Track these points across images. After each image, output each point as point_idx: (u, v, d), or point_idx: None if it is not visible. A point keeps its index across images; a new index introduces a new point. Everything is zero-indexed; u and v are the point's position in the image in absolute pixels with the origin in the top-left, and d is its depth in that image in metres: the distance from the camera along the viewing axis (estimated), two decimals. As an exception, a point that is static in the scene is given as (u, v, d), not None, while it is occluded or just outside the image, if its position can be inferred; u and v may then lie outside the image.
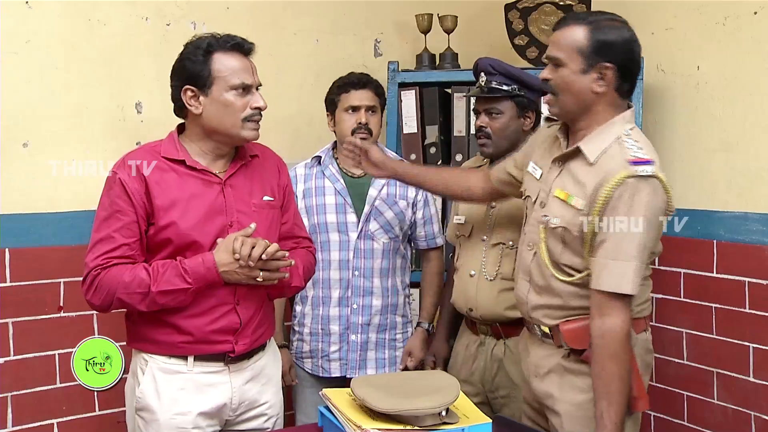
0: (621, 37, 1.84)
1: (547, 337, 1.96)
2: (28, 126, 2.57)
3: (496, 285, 2.34)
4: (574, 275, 1.88)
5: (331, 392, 1.85)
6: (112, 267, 1.88)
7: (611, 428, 1.76)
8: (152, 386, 1.95)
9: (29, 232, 2.57)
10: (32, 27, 2.56)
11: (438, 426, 1.70)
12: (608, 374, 1.77)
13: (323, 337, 2.58)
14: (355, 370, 2.58)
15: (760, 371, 2.64)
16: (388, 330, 2.62)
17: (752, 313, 2.65)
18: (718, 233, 2.75)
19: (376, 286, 2.56)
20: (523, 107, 2.35)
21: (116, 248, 1.89)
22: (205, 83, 1.89)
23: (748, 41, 2.66)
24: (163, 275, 1.86)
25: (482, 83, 2.35)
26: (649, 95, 2.92)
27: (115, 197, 1.91)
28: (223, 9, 2.91)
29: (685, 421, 2.89)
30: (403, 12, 3.25)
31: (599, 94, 1.84)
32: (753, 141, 2.66)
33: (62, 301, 2.63)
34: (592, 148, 1.85)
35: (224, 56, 1.91)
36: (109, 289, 1.87)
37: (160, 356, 1.96)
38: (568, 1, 3.01)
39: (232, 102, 1.90)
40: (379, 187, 2.59)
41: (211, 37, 1.93)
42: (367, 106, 2.55)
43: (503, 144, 2.35)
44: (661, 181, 1.79)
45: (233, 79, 1.90)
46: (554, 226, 1.88)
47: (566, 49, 1.84)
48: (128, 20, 2.72)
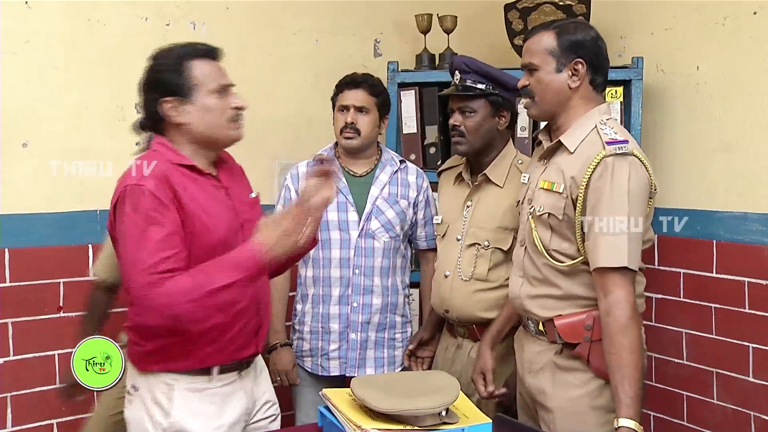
0: (587, 36, 1.96)
1: (540, 334, 2.00)
2: (28, 126, 2.57)
3: (470, 286, 2.33)
4: (565, 261, 1.93)
5: (331, 392, 1.86)
6: (164, 281, 1.76)
7: (627, 402, 1.76)
8: (186, 409, 1.90)
9: (29, 233, 2.57)
10: (32, 27, 2.56)
11: (438, 426, 1.70)
12: (618, 348, 1.80)
13: (323, 335, 2.58)
14: (354, 369, 2.58)
15: (760, 371, 2.64)
16: (388, 329, 2.62)
17: (752, 313, 2.66)
18: (718, 233, 2.76)
19: (376, 285, 2.57)
20: (497, 106, 2.34)
21: (160, 262, 1.77)
22: (186, 91, 1.89)
23: (748, 41, 2.66)
24: (214, 275, 1.79)
25: (456, 81, 2.35)
26: (648, 95, 2.92)
27: (149, 210, 1.80)
28: (223, 9, 2.91)
29: (684, 421, 2.89)
30: (403, 12, 3.26)
31: (574, 88, 1.96)
32: (753, 141, 2.66)
33: (62, 301, 2.64)
34: (571, 139, 1.95)
35: (198, 63, 1.92)
36: (165, 304, 1.76)
37: (185, 376, 1.91)
38: (567, 1, 3.01)
39: (215, 105, 1.91)
40: (380, 186, 2.60)
41: (180, 46, 1.94)
42: (356, 106, 2.56)
43: (477, 143, 2.33)
44: (638, 158, 1.87)
45: (211, 83, 1.91)
46: (540, 213, 1.96)
47: (539, 54, 1.96)
48: (128, 20, 2.72)
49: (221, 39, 2.03)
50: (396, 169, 2.63)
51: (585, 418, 1.92)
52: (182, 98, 1.89)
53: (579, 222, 1.89)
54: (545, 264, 1.96)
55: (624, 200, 1.83)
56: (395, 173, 2.63)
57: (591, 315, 1.91)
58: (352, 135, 2.54)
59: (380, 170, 2.62)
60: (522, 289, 2.03)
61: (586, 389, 1.93)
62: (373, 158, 2.63)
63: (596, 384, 1.92)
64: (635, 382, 1.78)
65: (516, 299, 2.05)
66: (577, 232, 1.91)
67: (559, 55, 1.94)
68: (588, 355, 1.91)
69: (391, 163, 2.64)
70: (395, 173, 2.63)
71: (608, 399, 1.88)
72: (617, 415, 1.77)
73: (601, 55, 1.98)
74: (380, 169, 2.62)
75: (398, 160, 2.67)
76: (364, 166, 2.62)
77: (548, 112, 2.01)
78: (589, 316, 1.91)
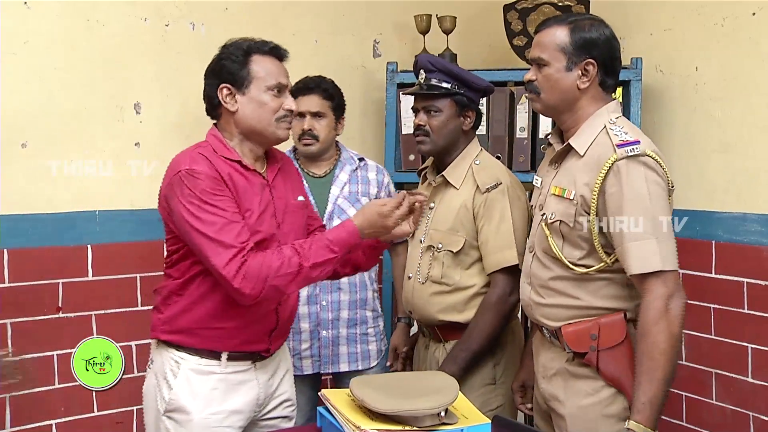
0: (601, 35, 1.89)
1: (555, 338, 1.96)
2: (27, 126, 2.57)
3: (427, 288, 2.31)
4: (580, 269, 1.88)
5: (330, 393, 1.86)
6: (254, 253, 1.86)
7: (638, 406, 1.72)
8: (187, 388, 1.97)
9: (28, 233, 2.57)
10: (31, 27, 2.56)
11: (437, 426, 1.70)
12: (639, 352, 1.77)
13: (294, 335, 2.61)
14: (328, 365, 2.62)
15: (759, 372, 2.64)
16: (359, 324, 2.66)
17: (751, 314, 2.66)
18: (717, 234, 2.76)
19: (343, 282, 2.60)
20: (462, 106, 2.29)
21: (242, 231, 1.87)
22: (243, 82, 1.96)
23: (747, 42, 2.66)
24: (310, 250, 1.89)
25: (422, 80, 2.31)
26: (647, 96, 2.92)
27: (209, 190, 1.87)
28: (222, 10, 2.91)
29: (683, 422, 2.89)
30: (402, 12, 3.26)
31: (583, 90, 1.89)
32: (751, 142, 2.66)
33: (60, 301, 2.63)
34: (581, 141, 1.89)
35: (262, 58, 1.98)
36: (260, 275, 1.84)
37: (193, 356, 1.98)
38: (566, 2, 3.01)
39: (268, 102, 1.97)
40: (340, 186, 2.64)
41: (249, 40, 2.00)
42: (311, 112, 2.59)
43: (441, 142, 2.29)
44: (652, 157, 1.80)
45: (270, 80, 1.97)
46: (552, 221, 1.91)
47: (549, 49, 1.89)
48: (127, 21, 2.72)
49: (220, 40, 2.03)
50: (355, 168, 2.67)
51: (597, 425, 1.87)
52: (238, 88, 1.96)
53: (595, 229, 1.83)
54: (558, 272, 1.90)
55: (646, 203, 1.76)
56: (354, 171, 2.67)
57: (597, 323, 1.86)
58: (311, 141, 2.60)
59: (339, 169, 2.66)
60: (531, 297, 1.99)
61: (597, 397, 1.88)
62: (332, 159, 2.68)
63: (608, 392, 1.87)
64: (655, 385, 1.72)
65: (527, 307, 2.02)
66: (595, 240, 1.84)
67: (571, 53, 1.87)
68: (597, 363, 1.86)
69: (350, 162, 2.68)
70: (354, 171, 2.67)
71: (621, 407, 1.84)
72: (629, 417, 1.74)
73: (613, 57, 1.91)
74: (339, 169, 2.66)
75: (357, 158, 2.70)
76: (323, 167, 2.67)
77: (553, 110, 1.96)
78: (594, 325, 1.86)
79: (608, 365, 1.85)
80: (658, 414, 1.75)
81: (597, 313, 1.88)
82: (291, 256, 1.87)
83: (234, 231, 1.86)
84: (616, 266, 1.84)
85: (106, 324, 2.69)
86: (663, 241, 1.77)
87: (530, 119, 2.93)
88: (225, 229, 1.85)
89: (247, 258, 1.84)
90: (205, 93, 2.02)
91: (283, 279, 1.86)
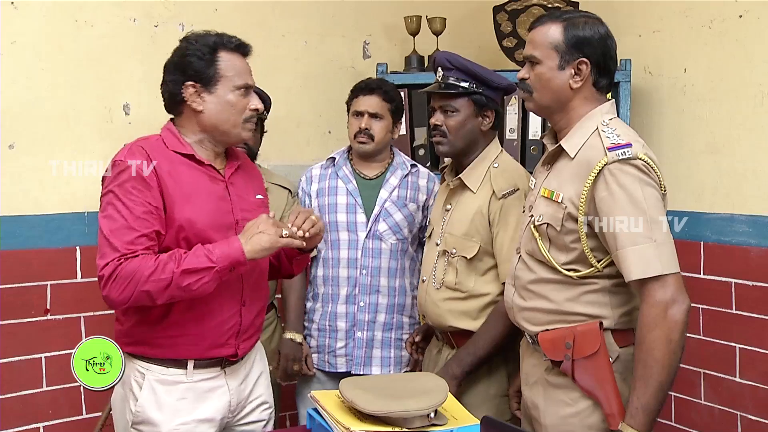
0: (596, 33, 1.84)
1: (536, 344, 1.92)
2: (15, 127, 2.55)
3: (440, 293, 2.27)
4: (564, 273, 1.84)
5: (319, 394, 1.85)
6: (133, 258, 1.79)
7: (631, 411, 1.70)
8: (152, 399, 1.92)
9: (15, 235, 2.56)
10: (18, 28, 2.54)
11: (426, 427, 1.70)
12: (636, 358, 1.73)
13: (330, 333, 2.63)
14: (360, 366, 2.62)
15: (747, 372, 2.66)
16: (395, 329, 2.64)
17: (738, 314, 2.67)
18: (705, 235, 2.77)
19: (382, 285, 2.60)
20: (481, 106, 2.24)
21: (136, 239, 1.80)
22: (210, 81, 1.90)
23: (734, 44, 2.68)
24: (186, 257, 1.81)
25: (439, 79, 2.25)
26: (636, 97, 2.93)
27: (129, 186, 1.83)
28: (212, 10, 2.90)
29: (672, 422, 2.91)
30: (392, 14, 3.26)
31: (576, 89, 1.85)
32: (739, 143, 2.68)
33: (49, 303, 2.62)
34: (572, 143, 1.85)
35: (229, 56, 1.92)
36: (131, 279, 1.77)
37: (158, 366, 1.93)
38: (555, 3, 3.02)
39: (235, 102, 1.92)
40: (390, 189, 2.63)
41: (215, 35, 1.94)
42: (370, 112, 2.59)
43: (459, 143, 2.24)
44: (644, 160, 1.75)
45: (238, 79, 1.92)
46: (539, 223, 1.87)
47: (542, 47, 1.85)
48: (116, 21, 2.71)
49: (209, 40, 2.02)
50: (407, 173, 2.66)
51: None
52: (205, 87, 1.90)
53: (584, 233, 1.78)
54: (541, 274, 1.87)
55: (640, 207, 1.71)
56: (405, 177, 2.66)
57: (572, 331, 1.80)
58: (366, 140, 2.59)
59: (391, 173, 2.66)
60: (514, 300, 1.95)
61: (576, 408, 1.84)
62: (384, 162, 2.68)
63: (586, 403, 1.82)
64: (645, 392, 1.70)
65: (510, 310, 1.99)
66: (584, 244, 1.79)
67: (564, 52, 1.82)
68: (573, 373, 1.81)
69: (402, 167, 2.67)
70: (405, 177, 2.66)
71: (600, 418, 1.80)
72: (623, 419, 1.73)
73: (608, 56, 1.86)
74: (391, 173, 2.66)
75: (410, 164, 2.69)
76: (375, 169, 2.66)
77: (545, 109, 1.91)
78: (570, 333, 1.80)
79: (583, 375, 1.80)
80: (652, 419, 1.72)
81: (575, 319, 1.83)
82: (167, 263, 1.79)
83: (129, 236, 1.80)
84: (606, 271, 1.81)
85: (94, 326, 2.68)
86: (661, 244, 1.71)
87: (520, 120, 2.93)
88: (121, 231, 1.80)
89: (124, 262, 1.78)
90: (166, 88, 1.95)
91: (154, 285, 1.78)
